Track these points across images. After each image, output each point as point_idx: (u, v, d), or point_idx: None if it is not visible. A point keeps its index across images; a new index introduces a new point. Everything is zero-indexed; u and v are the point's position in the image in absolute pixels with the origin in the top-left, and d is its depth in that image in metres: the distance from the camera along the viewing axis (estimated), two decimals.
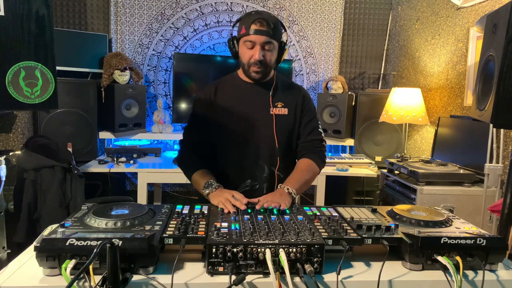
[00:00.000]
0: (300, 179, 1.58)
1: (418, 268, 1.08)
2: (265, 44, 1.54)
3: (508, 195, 1.41)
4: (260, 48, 1.54)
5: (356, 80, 3.97)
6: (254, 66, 1.57)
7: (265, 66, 1.58)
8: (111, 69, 3.18)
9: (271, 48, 1.56)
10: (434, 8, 3.14)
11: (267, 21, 1.51)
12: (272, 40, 1.54)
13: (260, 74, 1.60)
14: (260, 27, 1.51)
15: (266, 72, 1.61)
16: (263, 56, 1.54)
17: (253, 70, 1.58)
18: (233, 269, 0.98)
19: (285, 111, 1.67)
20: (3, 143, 2.83)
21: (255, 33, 1.51)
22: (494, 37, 1.30)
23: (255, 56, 1.54)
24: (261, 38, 1.52)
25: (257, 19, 1.51)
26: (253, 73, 1.60)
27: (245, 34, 1.53)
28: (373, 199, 3.35)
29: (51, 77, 1.10)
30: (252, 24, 1.51)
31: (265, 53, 1.55)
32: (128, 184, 3.82)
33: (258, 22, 1.50)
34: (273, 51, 1.58)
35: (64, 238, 0.96)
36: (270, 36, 1.52)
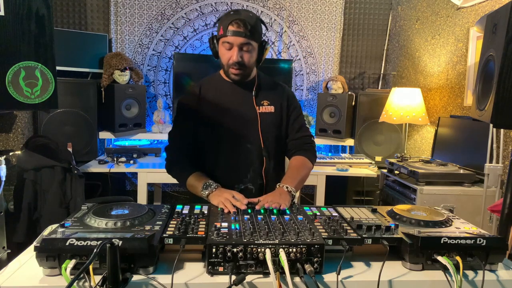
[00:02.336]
0: (296, 176, 1.59)
1: (418, 268, 1.08)
2: (242, 45, 1.52)
3: (508, 195, 1.41)
4: (238, 49, 1.53)
5: (356, 80, 3.97)
6: (232, 68, 1.57)
7: (244, 67, 1.57)
8: (111, 69, 3.18)
9: (249, 49, 1.54)
10: (434, 8, 3.14)
11: (245, 21, 1.49)
12: (250, 41, 1.53)
13: (239, 76, 1.60)
14: (237, 28, 1.49)
15: (245, 73, 1.61)
16: (241, 57, 1.54)
17: (232, 71, 1.58)
18: (233, 269, 0.98)
19: (271, 109, 1.68)
20: (3, 143, 2.83)
21: (232, 34, 1.50)
22: (494, 37, 1.30)
23: (233, 58, 1.53)
24: (238, 40, 1.51)
25: (234, 20, 1.49)
26: (232, 74, 1.60)
27: (223, 35, 1.52)
28: (373, 199, 3.35)
29: (51, 77, 1.10)
30: (229, 25, 1.49)
31: (243, 54, 1.54)
32: (128, 184, 3.82)
33: (235, 23, 1.49)
34: (252, 52, 1.56)
35: (64, 238, 0.96)
36: (247, 37, 1.51)
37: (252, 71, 1.66)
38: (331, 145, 3.91)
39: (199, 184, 1.52)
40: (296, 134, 1.72)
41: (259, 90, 1.68)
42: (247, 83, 1.66)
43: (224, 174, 1.64)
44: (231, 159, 1.64)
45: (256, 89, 1.67)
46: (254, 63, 1.62)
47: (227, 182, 1.62)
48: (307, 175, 1.68)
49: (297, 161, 1.67)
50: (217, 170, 1.66)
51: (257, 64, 1.64)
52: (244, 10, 1.56)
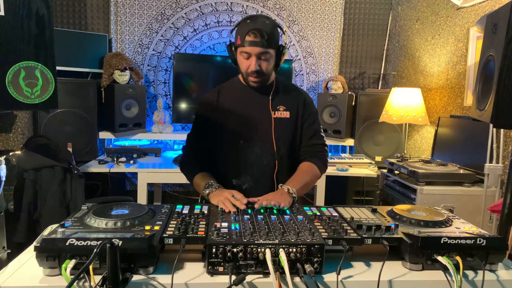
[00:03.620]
0: (301, 180, 1.59)
1: (418, 268, 1.08)
2: (260, 55, 1.54)
3: (508, 195, 1.41)
4: (256, 59, 1.54)
5: (356, 80, 3.97)
6: (251, 76, 1.59)
7: (262, 75, 1.59)
8: (111, 69, 3.18)
9: (267, 57, 1.56)
10: (434, 8, 3.14)
11: (261, 31, 1.50)
12: (268, 49, 1.54)
13: (258, 83, 1.62)
14: (254, 38, 1.50)
15: (264, 80, 1.63)
16: (259, 66, 1.55)
17: (251, 79, 1.61)
18: (233, 269, 0.98)
19: (287, 114, 1.68)
20: (3, 143, 2.83)
21: (250, 45, 1.51)
22: (494, 37, 1.30)
23: (251, 67, 1.55)
24: (256, 49, 1.52)
25: (251, 30, 1.50)
26: (251, 82, 1.62)
27: (240, 45, 1.54)
28: (373, 199, 3.35)
29: (51, 77, 1.10)
30: (246, 35, 1.50)
31: (261, 62, 1.56)
32: (128, 184, 3.82)
33: (252, 34, 1.50)
34: (269, 60, 1.58)
35: (64, 238, 0.97)
36: (264, 47, 1.52)
37: (271, 76, 1.68)
38: (331, 145, 3.90)
39: (203, 183, 1.55)
40: (309, 141, 1.71)
41: (276, 95, 1.69)
42: (265, 88, 1.68)
43: (236, 177, 1.65)
44: (243, 162, 1.65)
45: (274, 93, 1.68)
46: (272, 69, 1.64)
47: (239, 185, 1.63)
48: (313, 182, 1.68)
49: (305, 166, 1.68)
50: (230, 172, 1.66)
51: (275, 69, 1.66)
52: (260, 17, 1.57)
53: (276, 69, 1.67)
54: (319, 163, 1.70)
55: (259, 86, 1.65)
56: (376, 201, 3.24)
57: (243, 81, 1.69)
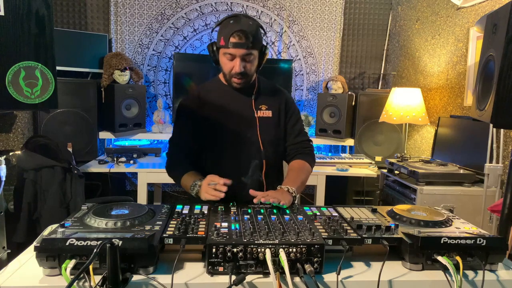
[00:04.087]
0: (297, 179, 1.60)
1: (418, 268, 1.08)
2: (245, 56, 1.53)
3: (508, 195, 1.41)
4: (240, 60, 1.53)
5: (356, 80, 3.97)
6: (235, 78, 1.58)
7: (246, 76, 1.58)
8: (111, 69, 3.18)
9: (251, 58, 1.55)
10: (434, 8, 3.14)
11: (246, 32, 1.48)
12: (252, 50, 1.53)
13: (242, 84, 1.61)
14: (239, 40, 1.48)
15: (247, 81, 1.62)
16: (243, 67, 1.54)
17: (235, 81, 1.59)
18: (233, 269, 0.98)
19: (269, 113, 1.68)
20: (3, 143, 2.83)
21: (234, 47, 1.49)
22: (494, 37, 1.30)
23: (236, 69, 1.54)
24: (240, 51, 1.51)
25: (236, 31, 1.48)
26: (234, 83, 1.61)
27: (224, 46, 1.52)
28: (373, 199, 3.35)
29: (51, 77, 1.10)
30: (231, 37, 1.48)
31: (245, 64, 1.55)
32: (128, 184, 3.82)
33: (236, 35, 1.48)
34: (253, 61, 1.57)
35: (64, 238, 0.96)
36: (249, 48, 1.51)
37: (253, 76, 1.67)
38: (331, 145, 3.91)
39: (189, 185, 1.54)
40: (295, 139, 1.73)
41: (259, 94, 1.69)
42: (247, 88, 1.67)
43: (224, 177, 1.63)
44: (230, 163, 1.65)
45: (256, 93, 1.68)
46: (256, 70, 1.64)
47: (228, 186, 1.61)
48: (307, 178, 1.69)
49: (298, 164, 1.69)
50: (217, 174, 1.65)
51: (257, 69, 1.65)
52: (244, 17, 1.54)
53: (258, 69, 1.65)
54: (309, 159, 1.72)
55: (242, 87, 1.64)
56: (376, 201, 3.24)
57: (224, 81, 1.67)
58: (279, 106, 1.71)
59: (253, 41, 1.50)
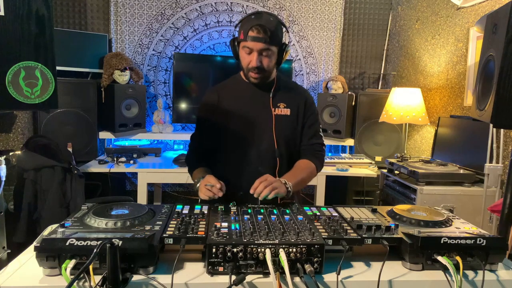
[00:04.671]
0: (297, 176, 1.60)
1: (418, 268, 1.08)
2: (262, 51, 1.54)
3: (508, 195, 1.41)
4: (258, 55, 1.54)
5: (356, 80, 3.97)
6: (252, 72, 1.59)
7: (263, 71, 1.59)
8: (111, 69, 3.18)
9: (269, 54, 1.56)
10: (434, 8, 3.14)
11: (265, 27, 1.50)
12: (270, 46, 1.54)
13: (259, 79, 1.62)
14: (257, 34, 1.50)
15: (264, 76, 1.63)
16: (260, 62, 1.56)
17: (252, 75, 1.61)
18: (233, 269, 0.98)
19: (287, 112, 1.68)
20: (3, 143, 2.83)
21: (252, 40, 1.51)
22: (494, 37, 1.30)
23: (252, 63, 1.56)
24: (258, 45, 1.52)
25: (255, 25, 1.50)
26: (251, 78, 1.62)
27: (243, 40, 1.54)
28: (373, 199, 3.35)
29: (51, 77, 1.10)
30: (250, 30, 1.51)
31: (262, 59, 1.56)
32: (128, 184, 3.82)
33: (255, 29, 1.50)
34: (271, 57, 1.58)
35: (64, 238, 0.96)
36: (267, 43, 1.52)
37: (272, 73, 1.68)
38: (331, 145, 3.90)
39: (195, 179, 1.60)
40: (309, 140, 1.72)
41: (277, 92, 1.69)
42: (266, 85, 1.68)
43: (237, 174, 1.66)
44: (244, 160, 1.66)
45: (274, 90, 1.68)
46: (274, 66, 1.64)
47: (240, 182, 1.63)
48: (309, 179, 1.69)
49: (304, 163, 1.69)
50: (230, 170, 1.67)
51: (277, 66, 1.66)
52: (265, 13, 1.56)
53: (277, 66, 1.66)
54: (317, 162, 1.71)
55: (260, 83, 1.65)
56: (376, 201, 3.24)
57: (244, 77, 1.69)
58: (298, 104, 1.71)
59: (271, 36, 1.52)
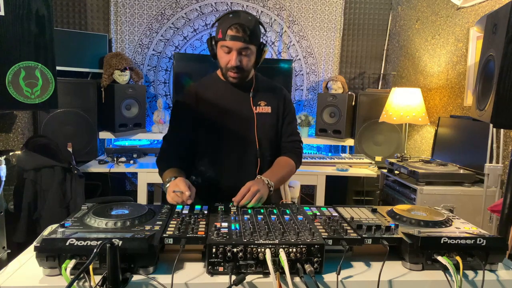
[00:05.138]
0: (278, 173, 1.61)
1: (418, 268, 1.08)
2: (241, 50, 1.52)
3: (508, 195, 1.41)
4: (237, 54, 1.52)
5: (356, 80, 3.97)
6: (231, 71, 1.57)
7: (242, 71, 1.57)
8: (111, 69, 3.18)
9: (248, 53, 1.54)
10: (434, 8, 3.14)
11: (244, 26, 1.48)
12: (249, 45, 1.53)
13: (237, 79, 1.60)
14: (236, 33, 1.48)
15: (243, 76, 1.61)
16: (239, 61, 1.54)
17: (230, 75, 1.59)
18: (233, 269, 0.98)
19: (268, 109, 1.68)
20: (3, 143, 2.83)
21: (231, 39, 1.49)
22: (494, 37, 1.30)
23: (232, 62, 1.53)
24: (237, 44, 1.50)
25: (233, 24, 1.48)
26: (230, 77, 1.60)
27: (222, 39, 1.51)
28: (373, 199, 3.35)
29: (51, 77, 1.10)
30: (228, 29, 1.49)
31: (241, 58, 1.54)
32: (128, 184, 3.82)
33: (234, 28, 1.48)
34: (250, 56, 1.56)
35: (64, 238, 0.96)
36: (246, 42, 1.50)
37: (250, 73, 1.67)
38: (331, 145, 3.91)
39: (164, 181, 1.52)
40: (288, 138, 1.74)
41: (257, 91, 1.68)
42: (244, 84, 1.66)
43: (218, 174, 1.65)
44: (225, 159, 1.65)
45: (254, 90, 1.67)
46: (252, 66, 1.62)
47: (221, 182, 1.62)
48: (289, 176, 1.70)
49: (283, 160, 1.70)
50: (211, 170, 1.66)
51: (255, 66, 1.64)
52: (243, 12, 1.55)
53: (255, 66, 1.64)
54: (296, 159, 1.73)
55: (238, 82, 1.63)
56: (376, 201, 3.24)
57: (222, 77, 1.67)
58: (277, 102, 1.71)
59: (250, 35, 1.50)
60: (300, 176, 2.89)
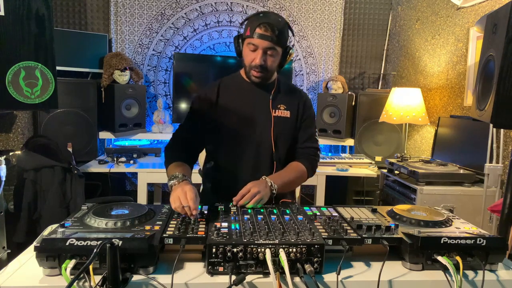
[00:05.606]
0: (284, 177, 1.57)
1: (418, 268, 1.08)
2: (267, 49, 1.52)
3: (508, 195, 1.41)
4: (262, 53, 1.52)
5: (356, 80, 3.97)
6: (254, 70, 1.56)
7: (265, 71, 1.57)
8: (111, 69, 3.18)
9: (273, 53, 1.54)
10: (434, 8, 3.14)
11: (273, 26, 1.48)
12: (276, 46, 1.52)
13: (260, 78, 1.59)
14: (265, 31, 1.48)
15: (266, 76, 1.60)
16: (264, 61, 1.53)
17: (253, 73, 1.58)
18: (233, 269, 0.98)
19: (287, 114, 1.66)
20: (3, 143, 2.83)
21: (259, 37, 1.49)
22: (494, 37, 1.30)
23: (256, 61, 1.53)
24: (264, 43, 1.50)
25: (263, 23, 1.48)
26: (253, 76, 1.59)
27: (249, 36, 1.52)
28: (373, 199, 3.35)
29: (51, 77, 1.10)
30: (257, 27, 1.49)
31: (266, 58, 1.54)
32: (128, 184, 3.82)
33: (263, 26, 1.48)
34: (275, 57, 1.56)
35: (64, 238, 0.96)
36: (273, 42, 1.50)
37: (273, 74, 1.66)
38: (331, 145, 3.91)
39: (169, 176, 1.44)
40: (303, 144, 1.70)
41: (278, 94, 1.67)
42: (266, 86, 1.66)
43: (232, 175, 1.63)
44: (240, 161, 1.63)
45: (275, 92, 1.66)
46: (276, 67, 1.62)
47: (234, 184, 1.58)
48: (296, 183, 1.67)
49: (294, 165, 1.65)
50: (225, 171, 1.65)
51: (278, 68, 1.64)
52: (273, 14, 1.55)
53: (279, 69, 1.64)
54: (309, 167, 1.67)
55: (260, 83, 1.62)
56: (376, 201, 3.24)
57: (245, 76, 1.67)
58: (297, 107, 1.69)
59: (278, 35, 1.50)
60: None
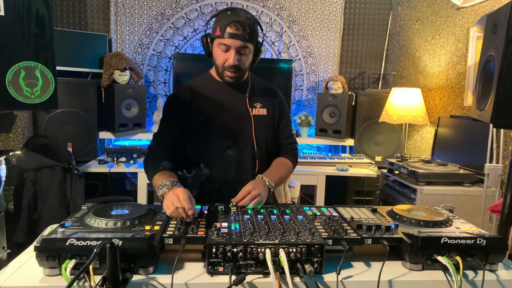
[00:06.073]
0: (278, 173, 1.61)
1: (418, 268, 1.08)
2: (240, 48, 1.48)
3: (508, 195, 1.41)
4: (235, 53, 1.48)
5: (356, 80, 3.97)
6: (228, 71, 1.52)
7: (240, 70, 1.53)
8: (111, 69, 3.18)
9: (246, 52, 1.50)
10: (434, 8, 3.14)
11: (244, 24, 1.44)
12: (248, 44, 1.49)
13: (234, 78, 1.55)
14: (236, 30, 1.44)
15: (240, 75, 1.57)
16: (238, 60, 1.49)
17: (227, 74, 1.54)
18: (233, 269, 0.98)
19: (264, 112, 1.65)
20: (3, 143, 2.83)
21: (231, 37, 1.44)
22: (494, 37, 1.30)
23: (230, 61, 1.49)
24: (236, 43, 1.45)
25: (233, 21, 1.44)
26: (227, 77, 1.55)
27: (220, 36, 1.46)
28: (373, 199, 3.35)
29: (51, 77, 1.10)
30: (228, 26, 1.44)
31: (240, 57, 1.50)
32: (128, 184, 3.82)
33: (233, 25, 1.43)
34: (248, 55, 1.53)
35: (64, 238, 0.96)
36: (246, 41, 1.46)
37: (246, 72, 1.63)
38: (331, 145, 3.91)
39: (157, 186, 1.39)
40: (285, 141, 1.73)
41: (253, 92, 1.65)
42: (240, 85, 1.62)
43: (216, 176, 1.59)
44: (223, 162, 1.59)
45: (250, 90, 1.63)
46: (249, 66, 1.59)
47: (219, 185, 1.58)
48: (287, 176, 1.72)
49: (282, 161, 1.69)
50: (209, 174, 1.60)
51: (251, 66, 1.60)
52: (241, 10, 1.51)
53: (251, 66, 1.60)
54: (294, 161, 1.74)
55: (234, 83, 1.59)
56: (376, 201, 3.24)
57: (216, 76, 1.62)
58: (273, 105, 1.68)
59: (250, 33, 1.47)
60: (300, 176, 2.89)
